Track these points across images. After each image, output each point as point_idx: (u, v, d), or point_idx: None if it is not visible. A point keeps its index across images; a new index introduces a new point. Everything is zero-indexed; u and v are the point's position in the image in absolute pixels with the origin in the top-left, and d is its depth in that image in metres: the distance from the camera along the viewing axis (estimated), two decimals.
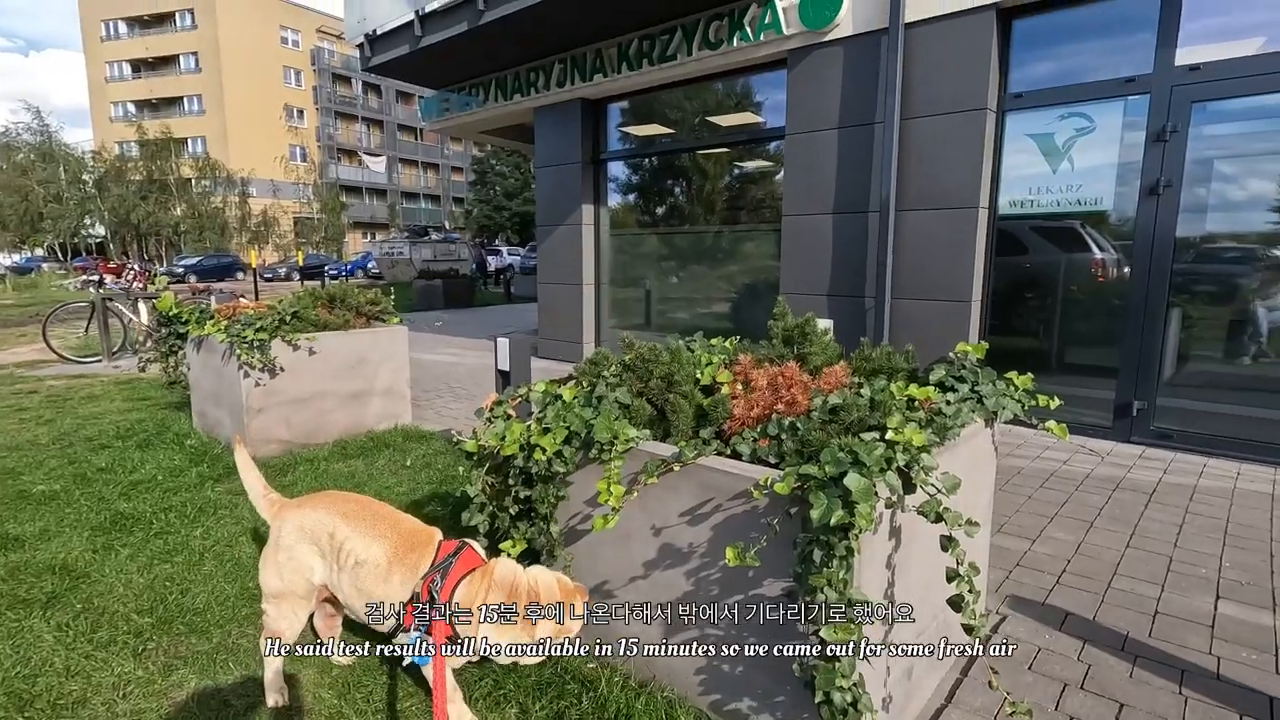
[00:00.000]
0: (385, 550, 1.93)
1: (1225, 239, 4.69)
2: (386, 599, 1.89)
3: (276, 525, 2.07)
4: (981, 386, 2.33)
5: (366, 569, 1.92)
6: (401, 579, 1.89)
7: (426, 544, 1.97)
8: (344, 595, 1.98)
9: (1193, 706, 2.05)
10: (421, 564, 1.91)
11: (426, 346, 9.81)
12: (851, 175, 5.69)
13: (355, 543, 1.95)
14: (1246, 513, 3.53)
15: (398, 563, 1.91)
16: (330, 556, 1.98)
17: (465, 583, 1.84)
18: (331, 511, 2.03)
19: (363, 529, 1.98)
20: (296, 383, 4.65)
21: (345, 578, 1.95)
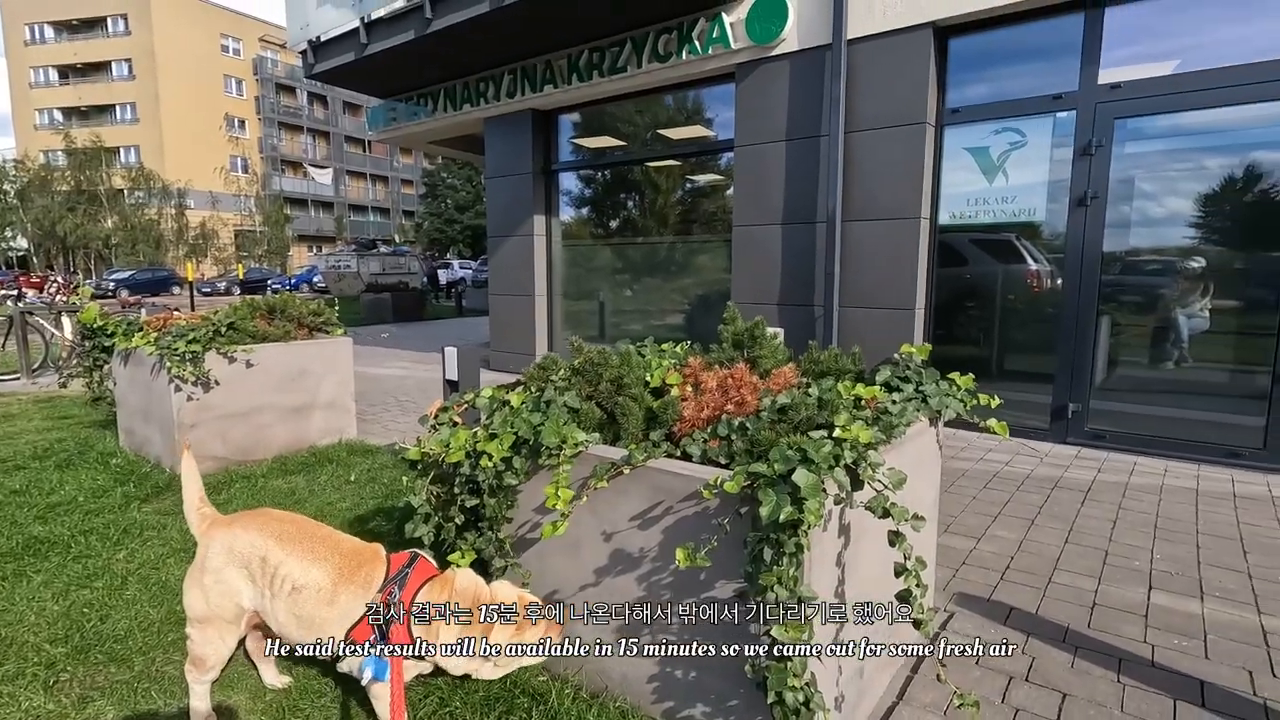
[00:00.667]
0: (327, 572, 1.83)
1: (1148, 252, 4.95)
2: (330, 622, 1.80)
3: (204, 544, 1.94)
4: (925, 386, 2.37)
5: (306, 594, 1.82)
6: (350, 598, 1.80)
7: (373, 560, 1.89)
8: (278, 623, 1.86)
9: (1130, 693, 2.11)
10: (373, 579, 1.83)
11: (374, 360, 9.55)
12: (799, 187, 5.80)
13: (291, 567, 1.84)
14: (1174, 507, 3.70)
15: (344, 582, 1.82)
16: (261, 582, 1.86)
17: (424, 591, 1.80)
18: (264, 534, 1.91)
19: (299, 552, 1.87)
20: (233, 396, 4.45)
21: (280, 604, 1.84)
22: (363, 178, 56.88)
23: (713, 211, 7.23)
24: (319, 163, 53.13)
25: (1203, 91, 4.40)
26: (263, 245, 42.08)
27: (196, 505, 2.06)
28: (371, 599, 1.78)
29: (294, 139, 52.10)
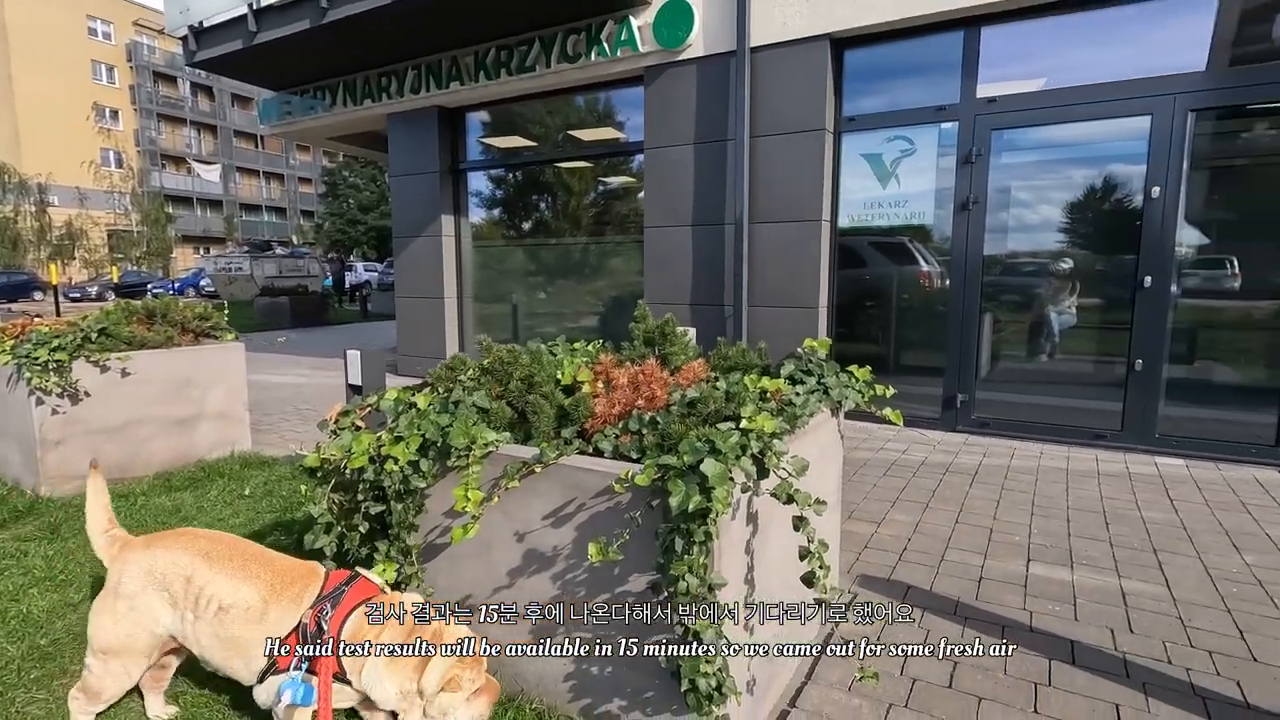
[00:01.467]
0: (258, 590, 1.72)
1: (1024, 255, 5.39)
2: (255, 642, 1.68)
3: (117, 568, 1.77)
4: (827, 379, 2.48)
5: (234, 613, 1.70)
6: (279, 616, 1.70)
7: (308, 576, 1.79)
8: (200, 646, 1.73)
9: (1012, 656, 2.29)
10: (305, 595, 1.73)
11: (271, 367, 9.00)
12: (707, 190, 5.94)
13: (220, 586, 1.72)
14: (1048, 486, 4.04)
15: (275, 599, 1.72)
16: (185, 604, 1.72)
17: (357, 614, 1.70)
18: (189, 553, 1.77)
19: (230, 570, 1.75)
20: (106, 409, 4.08)
21: (204, 626, 1.71)
22: (255, 175, 53.40)
23: (625, 213, 7.28)
24: (205, 158, 49.46)
25: (1066, 107, 4.84)
26: (141, 246, 38.70)
27: (104, 528, 1.88)
28: (304, 616, 1.68)
29: (176, 132, 48.27)
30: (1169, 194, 4.59)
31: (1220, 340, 4.86)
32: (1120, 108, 4.68)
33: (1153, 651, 2.31)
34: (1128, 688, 2.11)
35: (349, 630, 1.68)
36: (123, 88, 45.58)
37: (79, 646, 2.36)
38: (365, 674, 1.66)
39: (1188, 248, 4.71)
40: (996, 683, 2.15)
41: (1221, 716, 1.98)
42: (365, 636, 1.67)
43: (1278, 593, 2.72)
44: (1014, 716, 1.99)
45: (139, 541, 1.83)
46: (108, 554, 1.84)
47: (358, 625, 1.69)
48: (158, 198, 41.18)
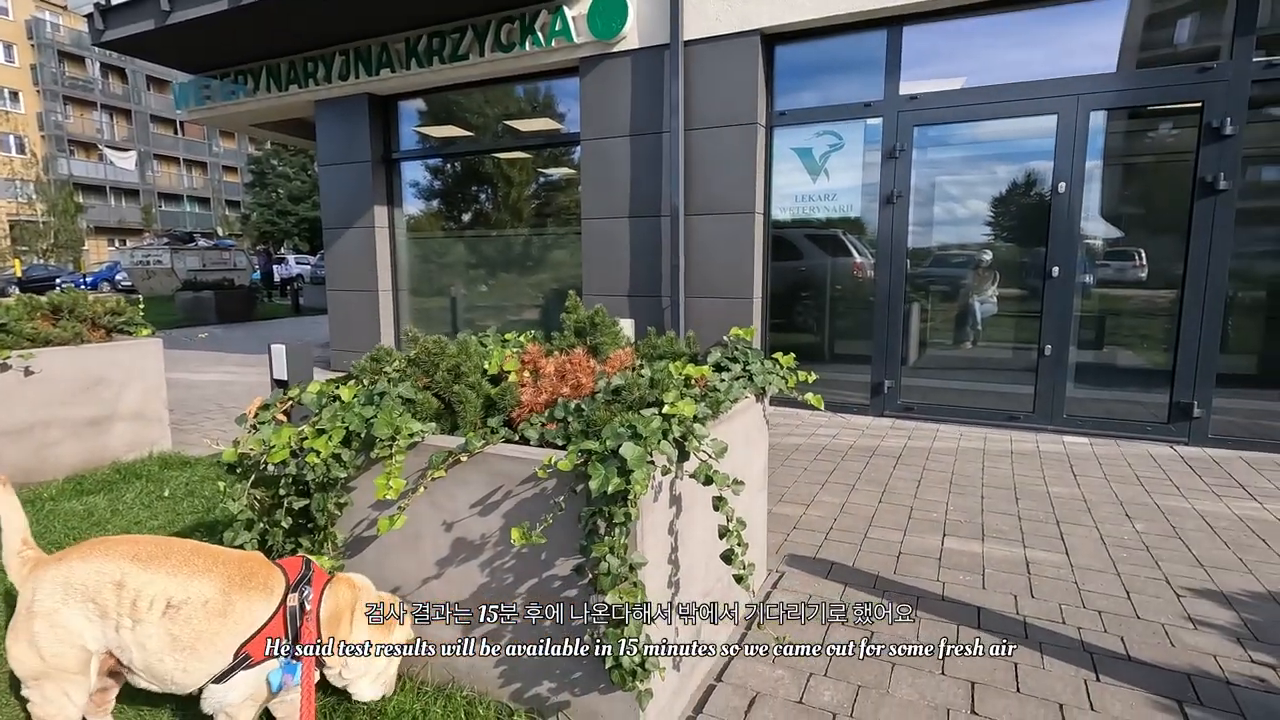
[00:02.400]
0: (214, 583, 1.67)
1: (951, 247, 5.64)
2: (219, 635, 1.63)
3: (29, 588, 1.65)
4: (752, 366, 2.57)
5: (188, 609, 1.63)
6: (248, 606, 1.67)
7: (266, 567, 1.77)
8: (146, 651, 1.63)
9: (924, 624, 2.43)
10: (274, 585, 1.72)
11: (194, 365, 8.61)
12: (644, 181, 5.98)
13: (163, 585, 1.64)
14: (966, 465, 4.27)
15: (239, 590, 1.68)
16: (119, 612, 1.63)
17: (329, 593, 1.77)
18: (112, 558, 1.67)
19: (170, 568, 1.67)
20: (7, 410, 3.85)
21: (150, 630, 1.62)
22: (175, 163, 50.55)
23: (565, 205, 7.25)
24: (119, 144, 46.52)
25: (982, 105, 5.09)
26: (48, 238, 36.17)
27: (17, 549, 1.75)
28: (275, 604, 1.69)
29: (84, 116, 45.21)
30: (1074, 189, 4.89)
31: (1123, 327, 5.22)
32: (1030, 106, 4.95)
33: (1050, 614, 2.49)
34: (1026, 647, 2.28)
35: (327, 610, 1.75)
36: (23, 67, 42.44)
37: None
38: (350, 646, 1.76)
39: (1093, 240, 5.04)
40: (908, 650, 2.28)
41: (1105, 668, 2.16)
42: (344, 613, 1.77)
43: (1162, 556, 2.96)
44: (924, 679, 2.12)
45: (51, 558, 1.72)
46: (18, 575, 1.72)
47: (334, 603, 1.77)
48: (66, 186, 38.50)
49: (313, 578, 1.78)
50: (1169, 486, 3.85)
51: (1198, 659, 2.20)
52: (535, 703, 1.93)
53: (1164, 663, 2.18)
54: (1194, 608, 2.53)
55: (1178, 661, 2.19)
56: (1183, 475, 4.04)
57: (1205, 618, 2.45)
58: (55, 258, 35.44)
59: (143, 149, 47.50)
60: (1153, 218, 5.04)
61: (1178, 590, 2.66)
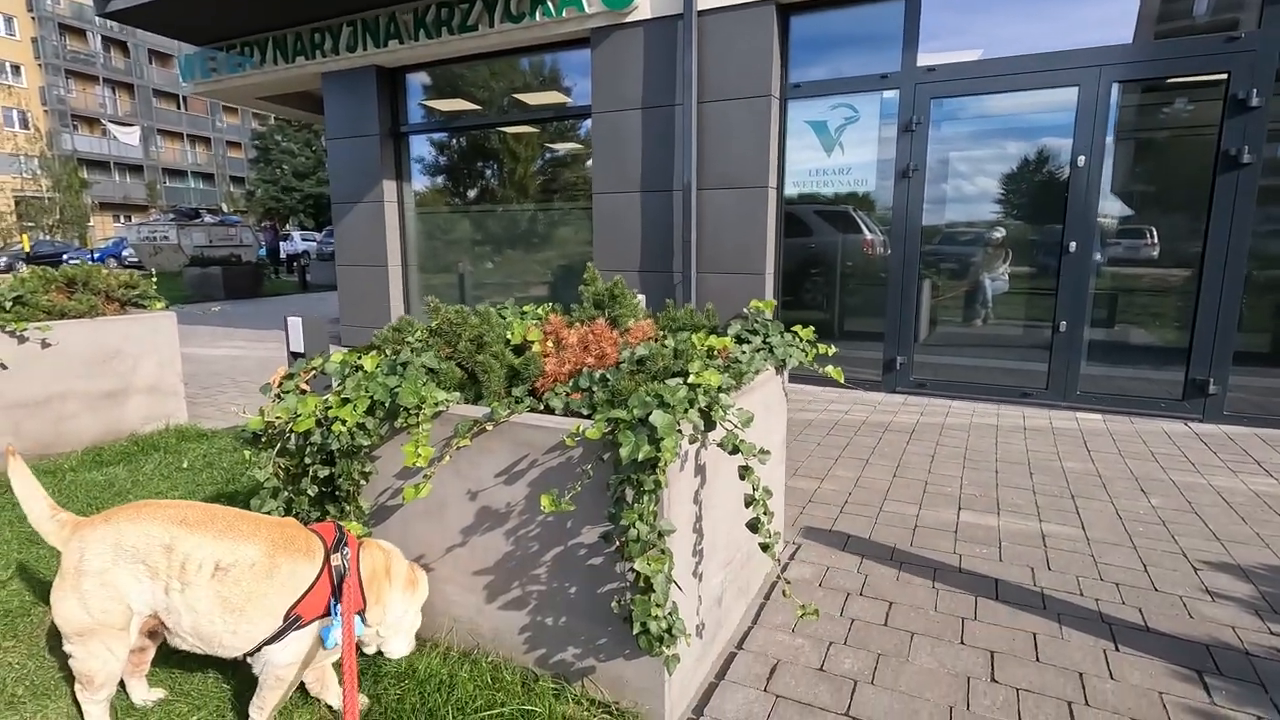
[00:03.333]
0: (260, 546, 1.69)
1: (960, 224, 5.59)
2: (267, 595, 1.66)
3: (76, 548, 1.67)
4: (772, 338, 2.56)
5: (237, 571, 1.65)
6: (293, 568, 1.70)
7: (302, 530, 1.80)
8: (197, 615, 1.66)
9: (942, 595, 2.45)
10: (314, 546, 1.75)
11: (206, 340, 8.64)
12: (656, 155, 5.92)
13: (211, 549, 1.66)
14: (979, 441, 4.27)
15: (282, 552, 1.71)
16: (168, 575, 1.65)
17: (364, 556, 1.82)
18: (161, 521, 1.68)
19: (218, 532, 1.69)
20: (26, 382, 3.87)
21: (200, 592, 1.64)
22: (179, 138, 50.28)
23: (574, 180, 7.20)
24: (122, 119, 46.24)
25: (1000, 77, 5.00)
26: (54, 214, 36.15)
27: (48, 514, 1.76)
28: (318, 566, 1.72)
29: (87, 90, 44.90)
30: (1093, 163, 4.82)
31: (1136, 305, 5.17)
32: (1050, 79, 4.86)
33: (1067, 586, 2.51)
34: (1044, 618, 2.29)
35: (365, 570, 1.79)
36: (24, 41, 42.08)
37: (9, 623, 2.29)
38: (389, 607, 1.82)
39: (1109, 216, 4.97)
40: (928, 619, 2.30)
41: (1124, 639, 2.17)
42: (378, 573, 1.81)
43: (1178, 531, 2.97)
44: (943, 648, 2.13)
45: (95, 519, 1.73)
46: (59, 537, 1.73)
47: (370, 565, 1.81)
48: (70, 161, 38.36)
49: (349, 540, 1.81)
50: (1184, 463, 3.84)
51: (1216, 630, 2.21)
52: (560, 668, 1.95)
53: (1183, 634, 2.19)
54: (1211, 581, 2.53)
55: (1196, 633, 2.20)
56: (1198, 452, 4.03)
57: (1223, 591, 2.46)
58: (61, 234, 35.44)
59: (146, 124, 47.22)
60: (1169, 194, 4.96)
61: (1195, 564, 2.67)
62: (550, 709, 1.81)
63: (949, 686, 1.95)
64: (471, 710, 1.81)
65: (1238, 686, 1.93)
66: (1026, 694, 1.91)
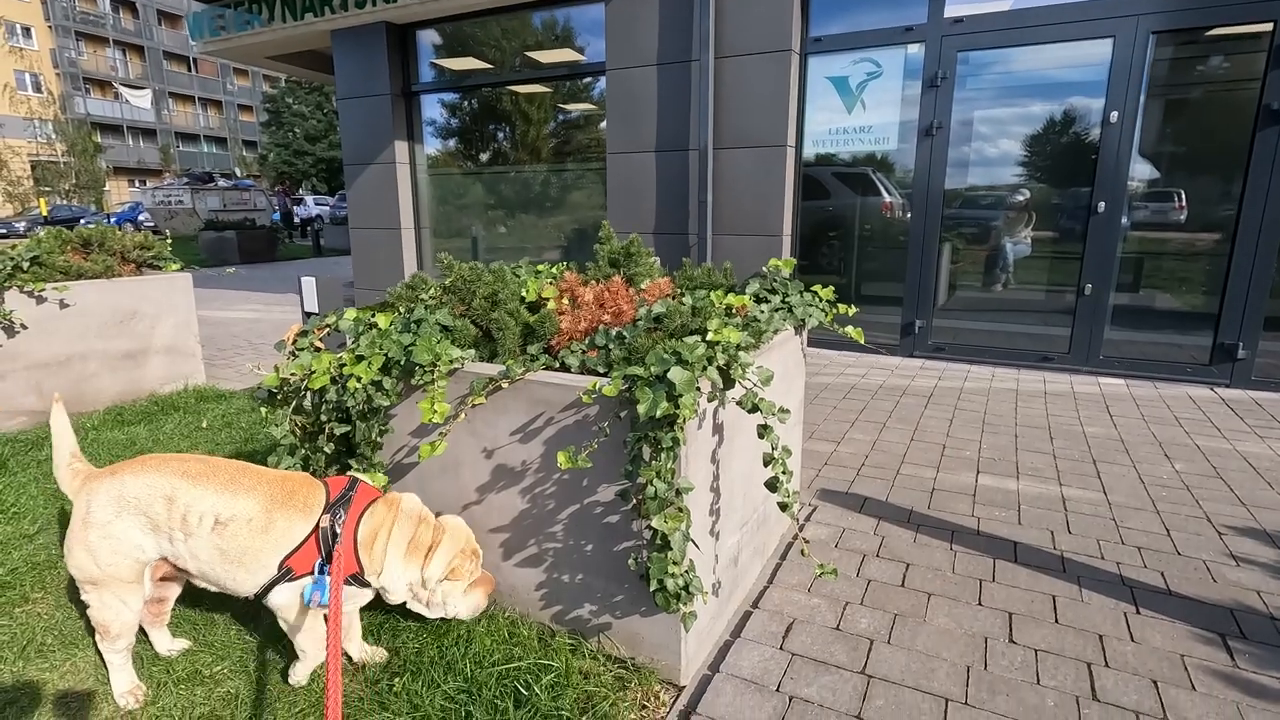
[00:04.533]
0: (258, 500, 1.70)
1: (982, 187, 5.43)
2: (263, 551, 1.67)
3: (84, 499, 1.70)
4: (791, 297, 2.51)
5: (235, 526, 1.67)
6: (287, 524, 1.69)
7: (308, 484, 1.78)
8: (200, 562, 1.70)
9: (960, 557, 2.43)
10: (313, 503, 1.73)
11: (222, 303, 8.70)
12: (671, 113, 5.78)
13: (210, 501, 1.68)
14: (998, 405, 4.21)
15: (279, 508, 1.70)
16: (170, 526, 1.67)
17: (368, 515, 1.75)
18: (163, 474, 1.70)
19: (218, 486, 1.70)
20: (47, 342, 3.91)
21: (201, 543, 1.67)
22: (190, 101, 49.97)
23: (588, 142, 7.07)
24: (133, 82, 45.98)
25: (1031, 28, 4.80)
26: (69, 178, 36.25)
27: (68, 461, 1.80)
28: (314, 522, 1.70)
29: (98, 52, 44.58)
30: (1126, 119, 4.64)
31: (1163, 269, 5.03)
32: (1084, 29, 4.66)
33: (1088, 549, 2.48)
34: (1064, 581, 2.27)
35: (364, 530, 1.73)
36: (33, 2, 41.69)
37: (38, 575, 2.33)
38: (385, 570, 1.75)
39: (1138, 180, 4.80)
40: (945, 580, 2.28)
41: (1145, 602, 2.14)
42: (379, 535, 1.74)
43: (1202, 496, 2.92)
44: (960, 609, 2.12)
45: (103, 471, 1.76)
46: (70, 486, 1.77)
47: (370, 525, 1.74)
48: (84, 125, 38.31)
49: (354, 497, 1.77)
50: (1209, 428, 3.77)
51: (1240, 594, 2.18)
52: (577, 624, 1.96)
53: (1206, 597, 2.17)
54: (1236, 545, 2.49)
55: (1220, 596, 2.17)
56: (1224, 417, 3.95)
57: (1248, 555, 2.42)
58: (78, 198, 35.60)
59: (158, 87, 46.94)
60: (1202, 154, 4.76)
61: (1219, 528, 2.62)
62: (567, 664, 1.82)
63: (966, 647, 1.94)
64: (489, 664, 1.83)
65: (1262, 650, 1.91)
66: (1045, 655, 1.90)
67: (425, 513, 1.86)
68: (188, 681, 1.83)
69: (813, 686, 1.79)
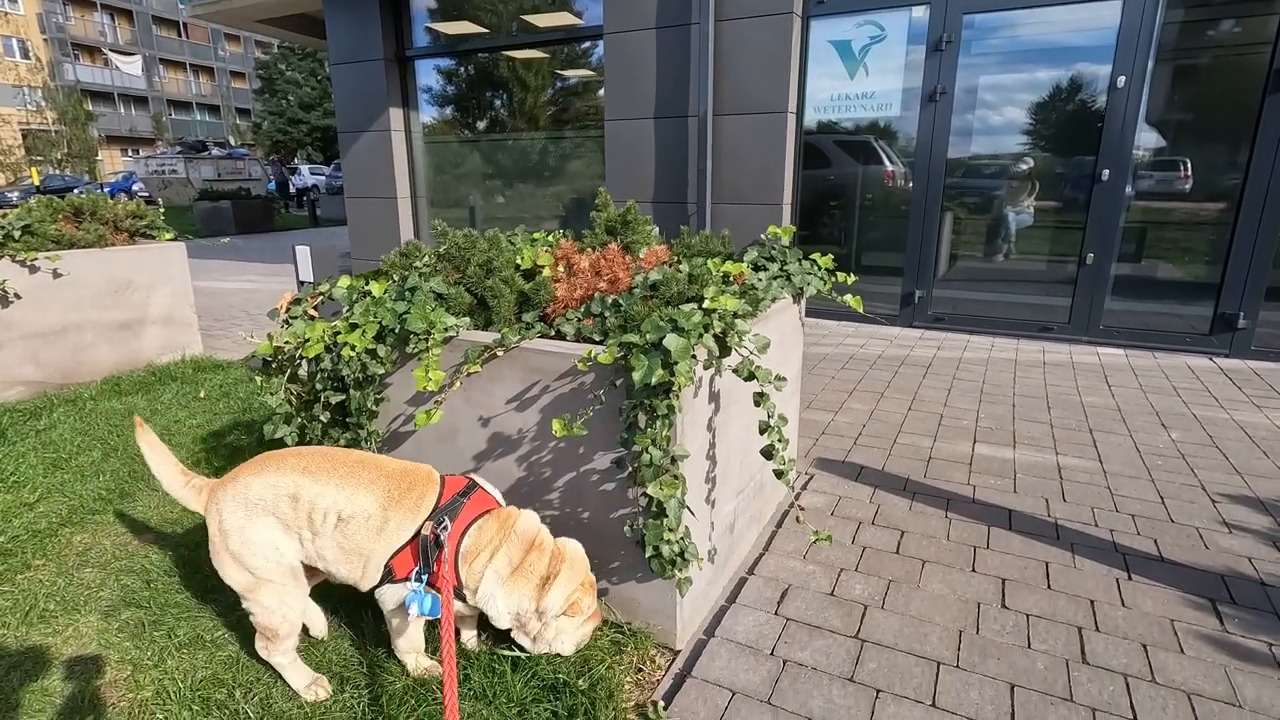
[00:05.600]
0: (376, 497, 1.61)
1: (986, 156, 5.35)
2: (376, 552, 1.59)
3: (214, 511, 1.63)
4: (789, 265, 2.48)
5: (355, 524, 1.59)
6: (399, 524, 1.59)
7: (426, 481, 1.67)
8: (327, 561, 1.63)
9: (955, 524, 2.44)
10: (424, 503, 1.62)
11: (219, 274, 8.65)
12: (671, 78, 5.66)
13: (333, 497, 1.60)
14: (997, 375, 4.20)
15: (394, 507, 1.60)
16: (298, 525, 1.61)
17: (476, 527, 1.61)
18: (283, 471, 1.62)
19: (339, 480, 1.62)
20: (42, 312, 3.89)
21: (326, 541, 1.60)
22: (182, 68, 49.06)
23: (586, 109, 6.95)
24: (123, 48, 45.09)
25: None
26: (62, 147, 35.77)
27: (182, 481, 1.72)
28: (419, 525, 1.59)
29: (86, 17, 43.61)
30: (1134, 84, 4.55)
31: (1166, 239, 4.99)
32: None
33: (1082, 517, 2.49)
34: (1057, 548, 2.29)
35: (467, 544, 1.60)
36: None
37: (39, 543, 2.35)
38: (481, 590, 1.60)
39: (1143, 149, 4.73)
40: (939, 547, 2.30)
41: (1137, 568, 2.16)
42: (482, 554, 1.60)
43: (1197, 464, 2.93)
44: (954, 575, 2.14)
45: (224, 479, 1.68)
46: (198, 503, 1.70)
47: (475, 540, 1.61)
48: (74, 93, 37.67)
49: (465, 506, 1.63)
50: (1207, 397, 3.77)
51: (1232, 561, 2.20)
52: None
53: (1197, 564, 2.19)
54: (1229, 513, 2.51)
55: (1211, 563, 2.19)
56: (1222, 386, 3.95)
57: (1241, 522, 2.44)
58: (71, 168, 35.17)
59: (148, 53, 46.04)
60: (1209, 121, 4.68)
61: (1213, 496, 2.64)
62: None
63: (959, 612, 1.96)
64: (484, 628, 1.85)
65: (1251, 615, 1.93)
66: (1037, 620, 1.92)
67: (542, 536, 1.68)
68: (190, 646, 1.86)
69: (807, 650, 1.81)
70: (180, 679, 1.73)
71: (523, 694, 1.64)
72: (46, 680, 1.75)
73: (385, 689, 1.68)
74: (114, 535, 2.41)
